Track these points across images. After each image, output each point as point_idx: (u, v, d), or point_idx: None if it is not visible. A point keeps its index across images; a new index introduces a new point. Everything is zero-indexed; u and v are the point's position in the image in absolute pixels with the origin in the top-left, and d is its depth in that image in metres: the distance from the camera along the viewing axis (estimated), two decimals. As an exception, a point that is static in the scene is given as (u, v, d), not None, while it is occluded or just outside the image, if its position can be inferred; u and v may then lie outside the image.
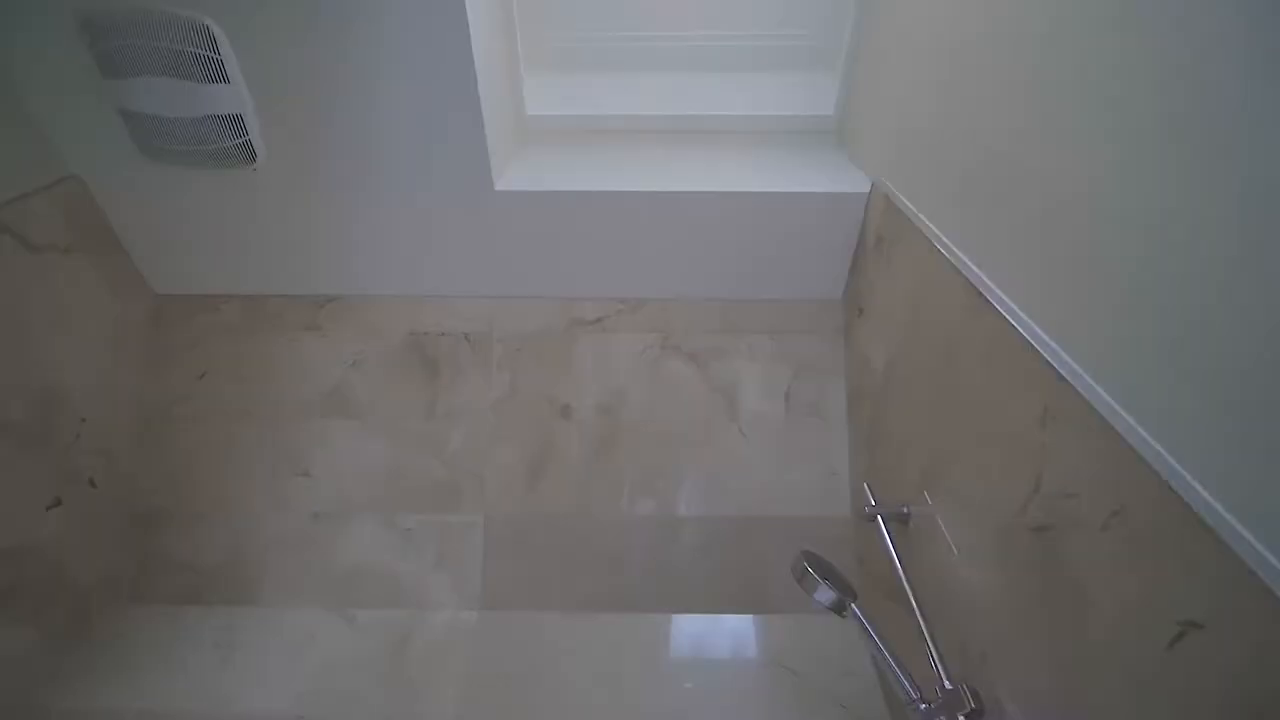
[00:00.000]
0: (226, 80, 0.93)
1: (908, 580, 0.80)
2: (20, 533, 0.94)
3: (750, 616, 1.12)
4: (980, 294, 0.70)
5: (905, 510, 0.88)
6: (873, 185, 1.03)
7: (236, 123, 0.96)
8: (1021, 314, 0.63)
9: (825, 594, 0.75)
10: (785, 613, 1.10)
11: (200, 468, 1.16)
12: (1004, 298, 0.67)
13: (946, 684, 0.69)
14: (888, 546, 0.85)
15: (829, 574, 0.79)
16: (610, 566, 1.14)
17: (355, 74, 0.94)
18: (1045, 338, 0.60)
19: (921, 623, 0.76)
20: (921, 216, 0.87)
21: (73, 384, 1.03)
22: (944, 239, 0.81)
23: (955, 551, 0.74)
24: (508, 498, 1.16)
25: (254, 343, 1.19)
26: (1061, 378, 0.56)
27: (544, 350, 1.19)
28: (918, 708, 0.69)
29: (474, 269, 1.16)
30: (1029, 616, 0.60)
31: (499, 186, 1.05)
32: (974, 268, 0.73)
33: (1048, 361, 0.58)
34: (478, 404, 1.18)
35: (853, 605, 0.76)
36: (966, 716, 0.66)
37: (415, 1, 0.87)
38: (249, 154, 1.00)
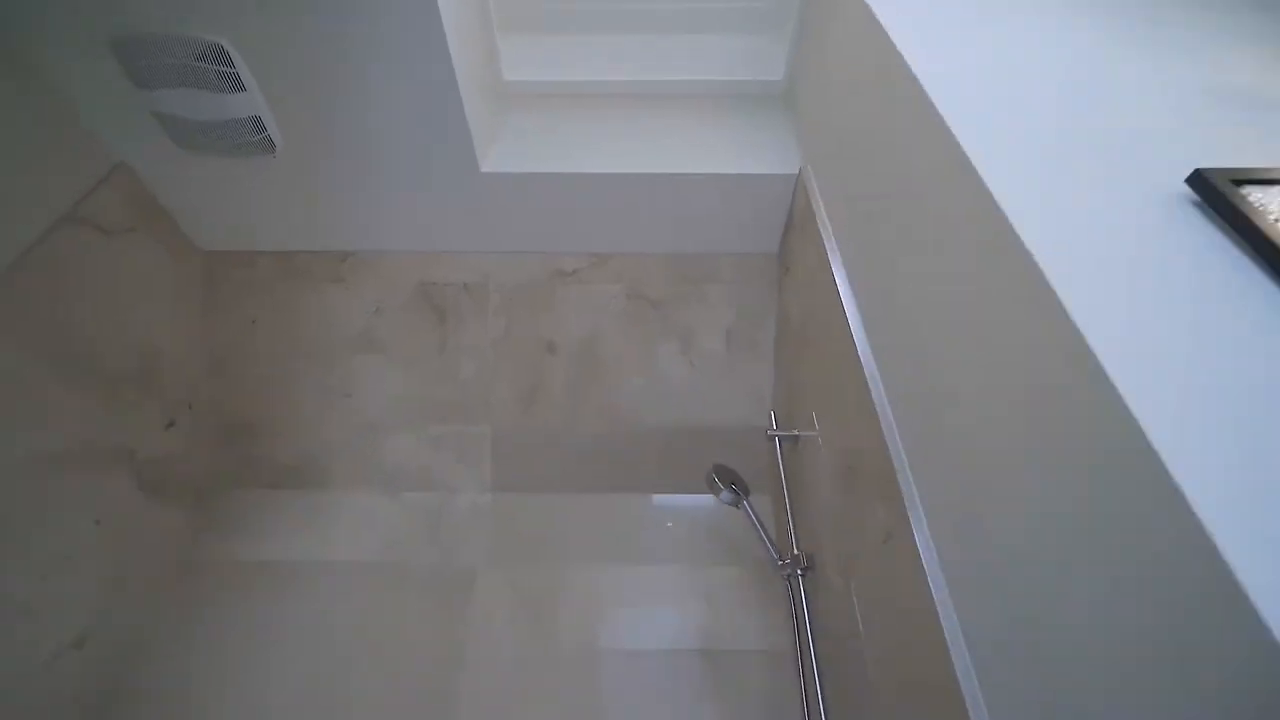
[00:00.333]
0: (244, 89, 1.08)
1: (786, 483, 1.16)
2: (155, 447, 1.29)
3: (697, 496, 1.52)
4: (840, 299, 0.96)
5: (796, 434, 1.21)
6: (800, 169, 1.22)
7: (256, 122, 1.13)
8: (857, 324, 0.90)
9: (725, 495, 1.11)
10: (719, 493, 1.49)
11: (266, 393, 1.48)
12: (854, 312, 0.93)
13: (795, 551, 1.08)
14: (778, 460, 1.20)
15: (732, 480, 1.15)
16: (592, 462, 1.51)
17: (350, 75, 1.08)
18: (866, 349, 0.87)
19: (789, 511, 1.13)
20: (823, 213, 1.09)
21: (159, 334, 1.31)
22: (832, 241, 1.04)
23: (818, 463, 1.08)
24: (508, 413, 1.49)
25: (290, 293, 1.45)
26: (865, 380, 0.84)
27: (531, 298, 1.45)
28: (775, 563, 1.09)
29: (469, 231, 1.37)
30: (840, 517, 0.96)
31: (484, 169, 1.24)
32: (843, 275, 0.98)
33: (863, 367, 0.86)
34: (480, 342, 1.46)
35: (745, 501, 1.13)
36: (802, 570, 1.05)
37: (393, 6, 0.99)
38: (269, 146, 1.17)
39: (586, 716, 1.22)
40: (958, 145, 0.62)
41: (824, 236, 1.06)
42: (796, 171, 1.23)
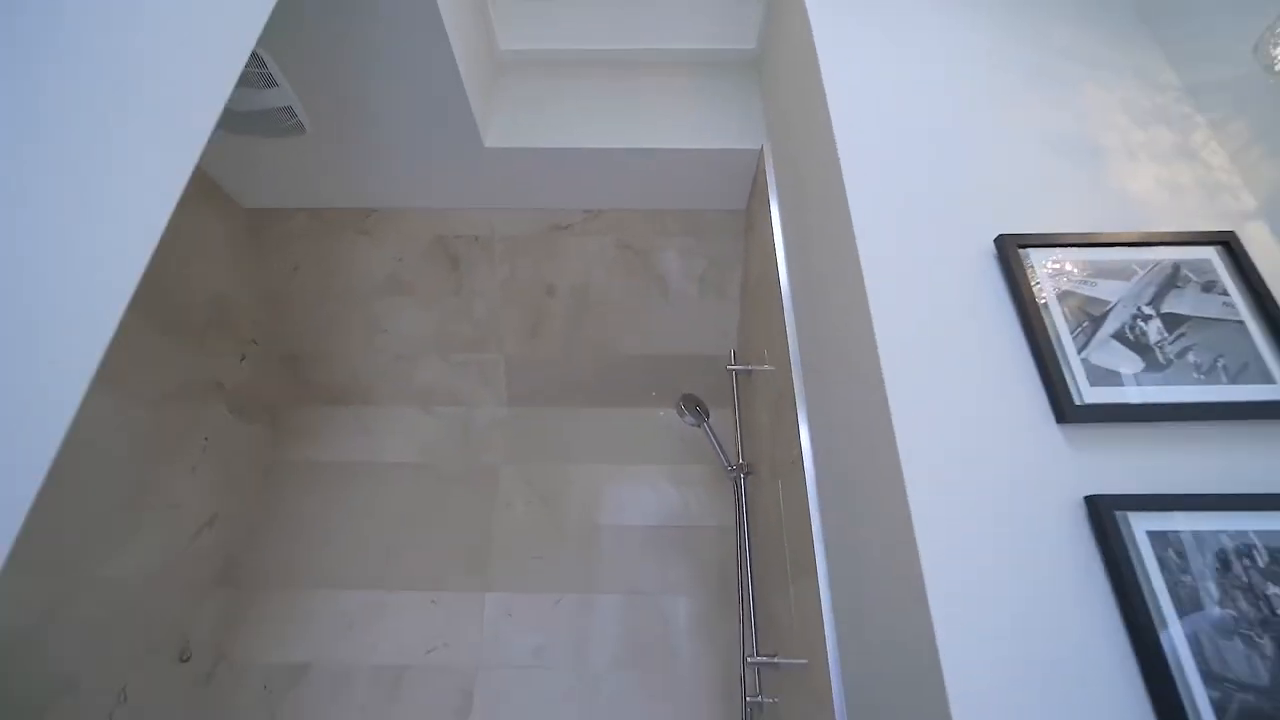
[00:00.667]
0: (276, 84, 1.24)
1: (739, 407, 1.50)
2: (235, 377, 1.61)
3: (670, 410, 1.87)
4: (778, 265, 1.21)
5: (750, 368, 1.52)
6: (762, 146, 1.40)
7: (288, 111, 1.30)
8: (787, 289, 1.17)
9: (690, 419, 1.45)
10: (692, 407, 1.84)
11: (313, 328, 1.76)
12: (786, 278, 1.19)
13: (741, 459, 1.44)
14: (734, 388, 1.52)
15: (697, 404, 1.48)
16: (588, 383, 1.84)
17: (365, 70, 1.24)
18: (790, 311, 1.15)
19: (739, 428, 1.47)
20: (774, 189, 1.31)
21: (222, 284, 1.57)
22: (778, 214, 1.27)
23: (762, 393, 1.40)
24: (517, 344, 1.79)
25: (324, 244, 1.67)
26: (787, 336, 1.13)
27: (532, 248, 1.68)
28: (726, 468, 1.45)
29: (476, 191, 1.57)
30: (772, 437, 1.29)
31: (488, 144, 1.42)
32: (782, 245, 1.23)
33: (786, 325, 1.14)
34: (489, 285, 1.72)
35: (706, 423, 1.46)
36: (745, 473, 1.41)
37: (397, 10, 1.13)
38: (300, 128, 1.35)
39: (589, 571, 1.66)
40: (842, 181, 0.86)
41: (772, 209, 1.29)
42: (759, 148, 1.41)
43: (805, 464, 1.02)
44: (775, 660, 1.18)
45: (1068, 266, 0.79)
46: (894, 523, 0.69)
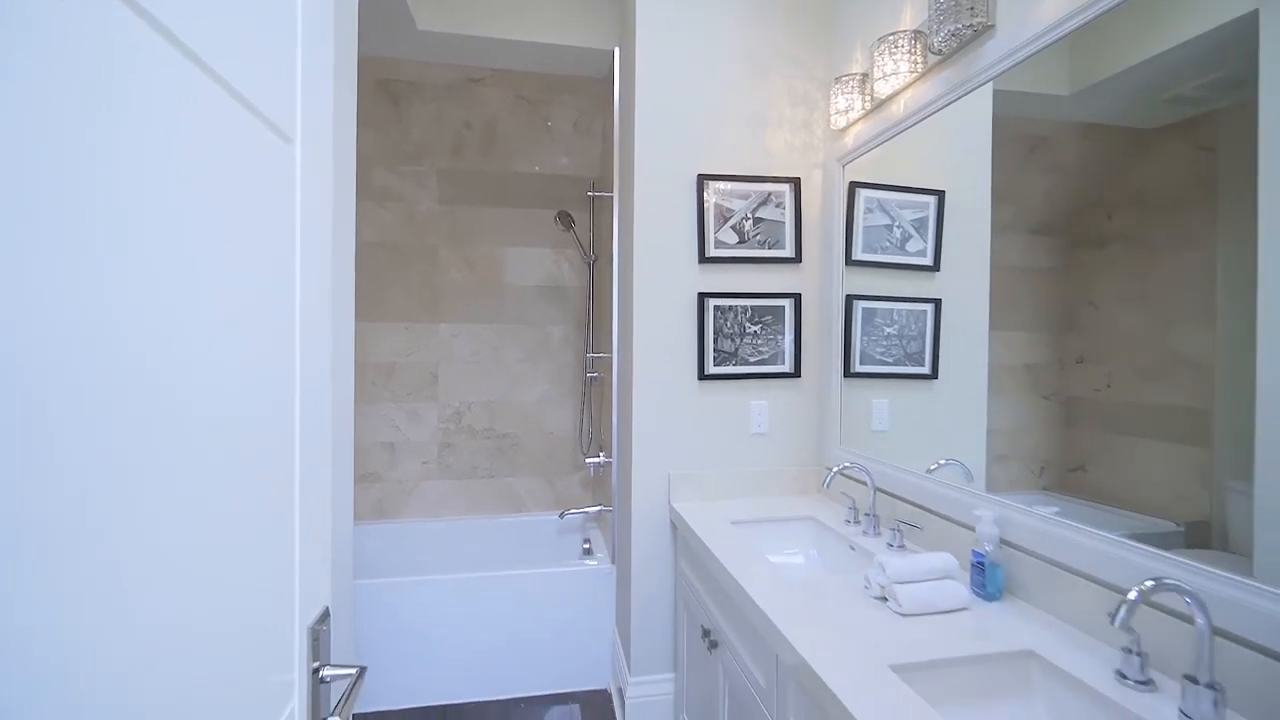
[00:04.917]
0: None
1: (593, 215, 2.48)
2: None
3: (552, 211, 2.79)
4: (615, 124, 2.09)
5: (605, 194, 2.46)
6: (614, 49, 2.10)
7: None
8: (616, 148, 2.09)
9: (560, 226, 2.42)
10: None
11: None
12: (617, 142, 2.09)
13: (594, 251, 2.49)
14: (592, 205, 2.47)
15: (567, 216, 2.45)
16: (494, 188, 2.67)
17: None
18: (617, 160, 2.09)
19: (592, 229, 2.48)
20: (616, 80, 2.09)
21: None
22: (617, 99, 2.09)
23: (608, 208, 2.38)
24: (444, 161, 2.53)
25: (287, 75, 2.18)
26: (613, 177, 2.09)
27: (453, 94, 2.32)
28: (584, 256, 2.50)
29: (411, 49, 2.13)
30: (607, 235, 2.33)
31: (420, 28, 1.98)
32: (616, 122, 2.09)
33: (614, 158, 2.09)
34: (422, 119, 2.37)
35: (573, 229, 2.45)
36: (594, 259, 2.48)
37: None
38: None
39: (501, 311, 2.76)
40: (633, 127, 1.77)
41: (615, 95, 2.09)
42: (613, 49, 2.11)
43: (614, 254, 2.09)
44: (600, 355, 2.43)
45: (722, 190, 1.81)
46: (629, 297, 1.80)
